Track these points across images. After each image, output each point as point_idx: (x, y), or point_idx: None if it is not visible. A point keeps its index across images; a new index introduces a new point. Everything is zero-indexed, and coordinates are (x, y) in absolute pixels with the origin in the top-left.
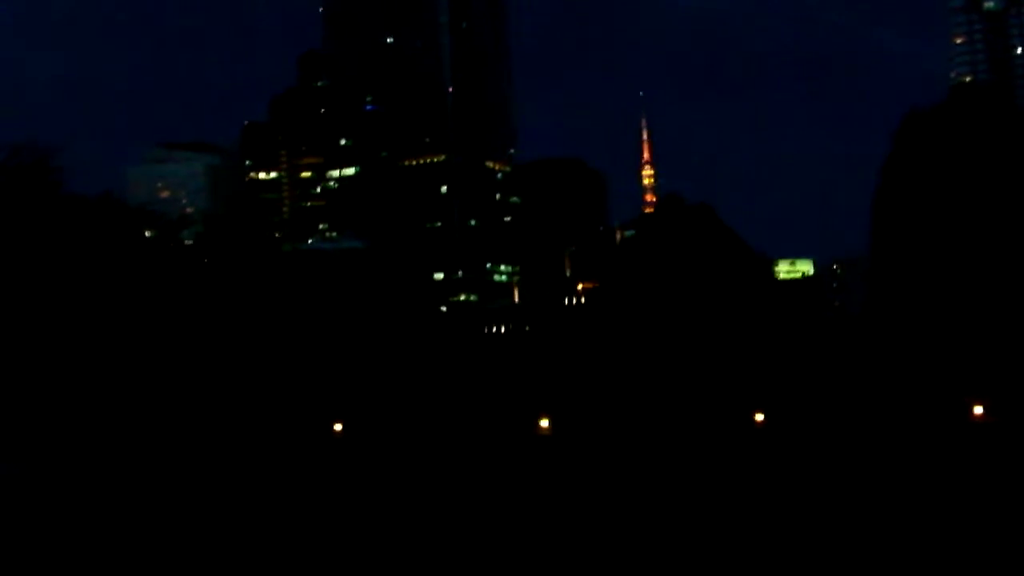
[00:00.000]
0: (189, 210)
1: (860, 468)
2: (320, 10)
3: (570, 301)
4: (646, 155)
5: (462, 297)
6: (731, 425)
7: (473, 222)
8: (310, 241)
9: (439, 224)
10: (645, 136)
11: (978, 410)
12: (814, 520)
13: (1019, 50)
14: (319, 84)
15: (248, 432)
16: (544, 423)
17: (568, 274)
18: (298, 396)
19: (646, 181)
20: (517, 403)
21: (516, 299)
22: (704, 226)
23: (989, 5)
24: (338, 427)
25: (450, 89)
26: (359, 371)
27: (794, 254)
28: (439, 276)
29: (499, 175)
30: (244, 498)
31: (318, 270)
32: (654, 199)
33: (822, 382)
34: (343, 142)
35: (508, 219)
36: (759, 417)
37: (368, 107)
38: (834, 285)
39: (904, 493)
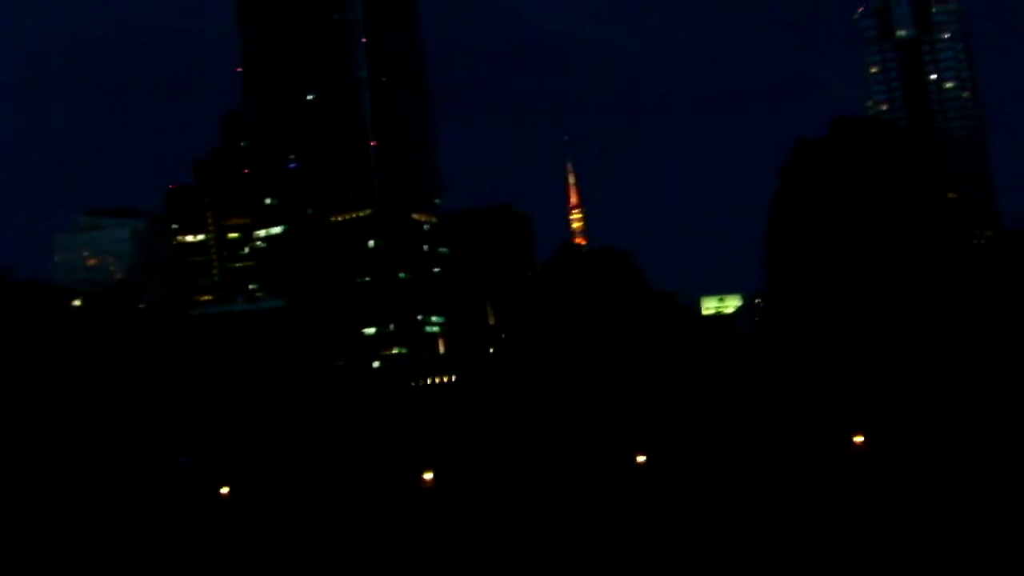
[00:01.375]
0: (118, 276)
1: (738, 501)
2: (238, 70)
3: (494, 349)
4: (573, 199)
5: (395, 350)
6: (614, 467)
7: (402, 275)
8: (235, 302)
9: (368, 279)
10: (572, 180)
11: (858, 439)
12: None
13: (933, 76)
14: (242, 144)
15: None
16: (428, 476)
17: (492, 322)
18: (189, 460)
19: (575, 225)
20: (403, 457)
21: (441, 350)
22: (605, 270)
23: (901, 34)
24: (224, 490)
25: (372, 143)
26: (252, 432)
27: (724, 290)
28: (371, 331)
29: (426, 226)
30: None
31: (226, 332)
32: (583, 242)
33: (712, 415)
34: (268, 201)
35: (437, 270)
36: (640, 459)
37: (291, 165)
38: (756, 319)
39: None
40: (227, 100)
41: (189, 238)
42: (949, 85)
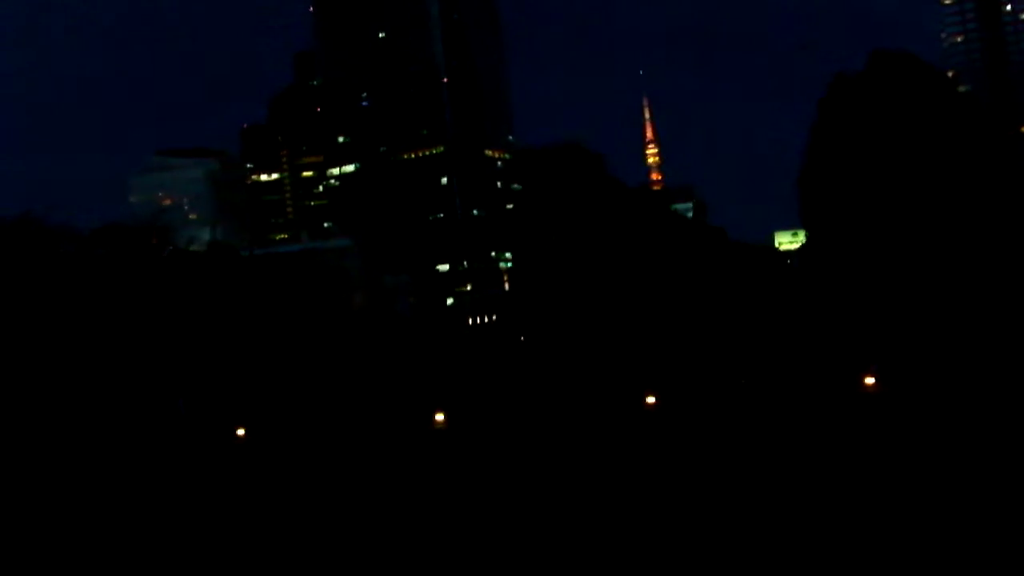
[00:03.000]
0: (192, 216)
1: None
2: (310, 9)
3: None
4: (649, 134)
5: (468, 287)
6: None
7: (476, 212)
8: (301, 240)
9: (441, 216)
10: (647, 115)
11: (869, 380)
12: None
13: (1008, 7)
14: (315, 83)
15: (146, 434)
16: (439, 417)
17: None
18: (207, 399)
19: (650, 160)
20: (420, 398)
21: (506, 287)
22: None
23: None
24: (240, 432)
25: (444, 80)
26: (273, 374)
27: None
28: (444, 267)
29: (499, 163)
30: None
31: (280, 272)
32: (660, 177)
33: (734, 349)
34: (341, 140)
35: (510, 206)
36: (650, 400)
37: (364, 103)
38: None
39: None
40: (299, 39)
41: (263, 177)
42: None
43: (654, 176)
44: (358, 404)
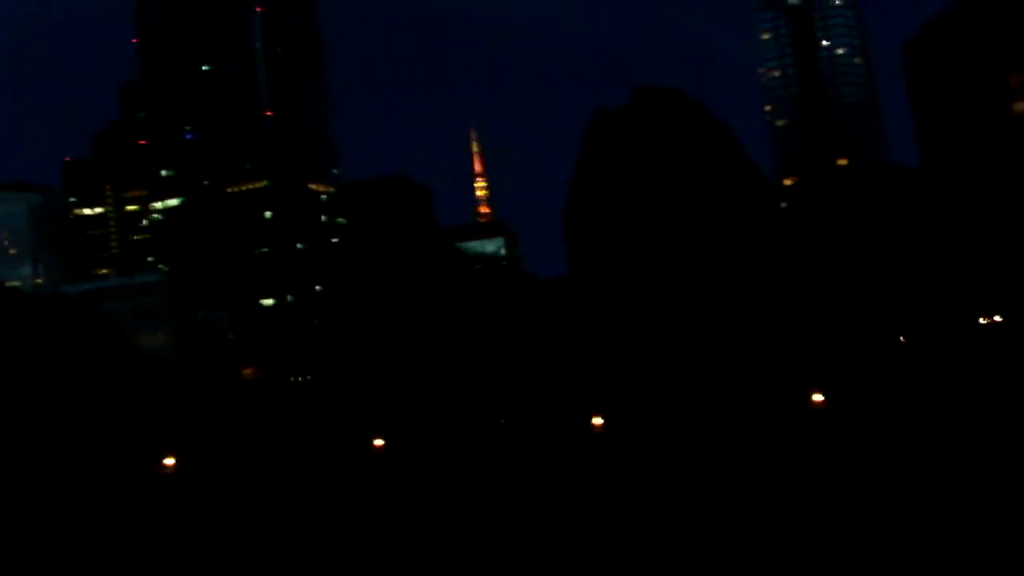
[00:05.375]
0: (12, 251)
1: None
2: (133, 41)
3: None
4: (478, 167)
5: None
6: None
7: (300, 245)
8: (106, 278)
9: (266, 250)
10: (475, 148)
11: (596, 421)
12: None
13: (825, 43)
14: (139, 116)
15: None
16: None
17: None
18: None
19: (479, 193)
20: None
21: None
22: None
23: (792, 1)
24: None
25: (268, 114)
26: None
27: None
28: (269, 301)
29: (323, 197)
30: None
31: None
32: (488, 210)
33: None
34: (165, 173)
35: (335, 240)
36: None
37: (188, 136)
38: None
39: None
40: (121, 73)
41: (87, 211)
42: (840, 51)
43: (482, 209)
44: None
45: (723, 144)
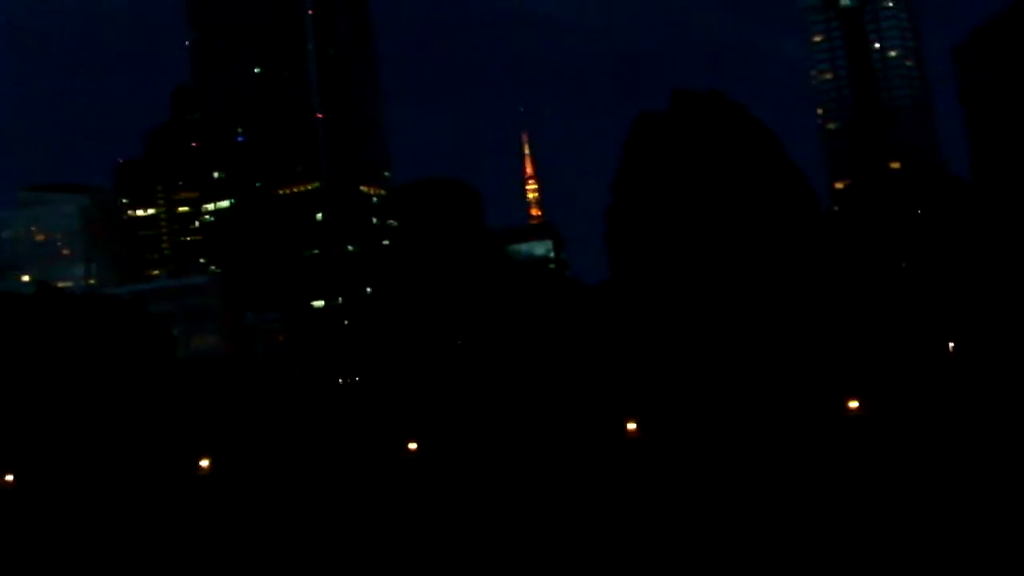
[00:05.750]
0: (66, 252)
1: None
2: (187, 43)
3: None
4: (528, 170)
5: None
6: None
7: (351, 248)
8: (156, 279)
9: (316, 252)
10: (527, 151)
11: (632, 426)
12: None
13: (877, 45)
14: (191, 118)
15: None
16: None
17: None
18: None
19: (530, 195)
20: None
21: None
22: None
23: (845, 3)
24: (9, 477)
25: (320, 116)
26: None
27: None
28: (319, 303)
29: (374, 199)
30: None
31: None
32: (539, 212)
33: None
34: (217, 175)
35: (386, 243)
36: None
37: (240, 138)
38: None
39: None
40: (175, 75)
41: (139, 212)
42: (893, 54)
43: (533, 212)
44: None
45: (765, 146)
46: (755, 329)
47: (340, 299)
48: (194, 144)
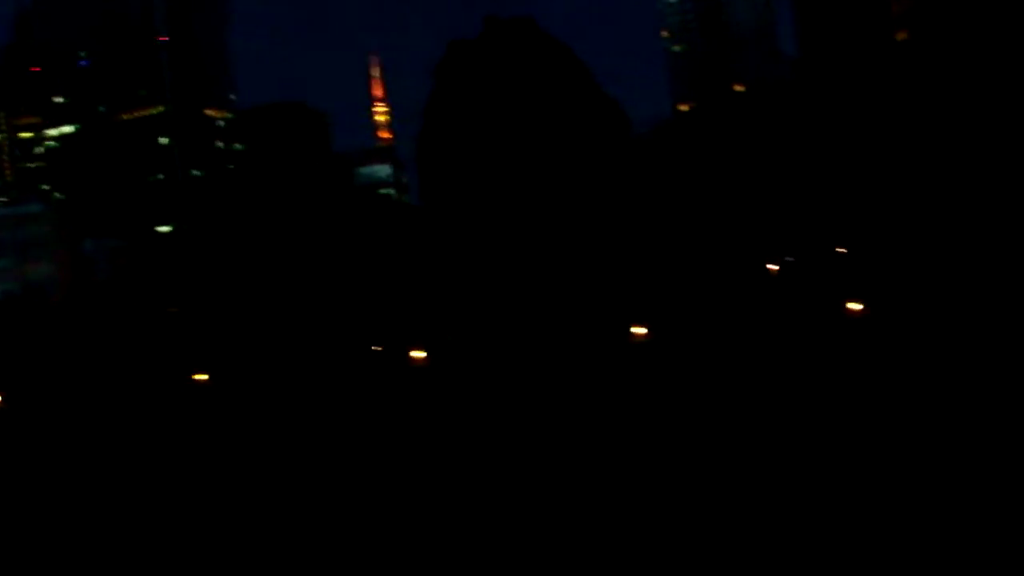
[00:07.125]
0: None
1: None
2: None
3: None
4: (378, 92)
5: None
6: None
7: (196, 172)
8: None
9: (161, 176)
10: (376, 74)
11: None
12: None
13: None
14: (32, 41)
15: None
16: None
17: None
18: None
19: (379, 118)
20: None
21: None
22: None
23: None
24: None
25: (164, 39)
26: None
27: None
28: (165, 229)
29: (220, 123)
30: None
31: None
32: (389, 135)
33: None
34: (59, 100)
35: (232, 167)
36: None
37: (82, 63)
38: None
39: None
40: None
41: None
42: None
43: (382, 134)
44: None
45: (573, 71)
46: (556, 253)
47: (187, 225)
48: (35, 68)
